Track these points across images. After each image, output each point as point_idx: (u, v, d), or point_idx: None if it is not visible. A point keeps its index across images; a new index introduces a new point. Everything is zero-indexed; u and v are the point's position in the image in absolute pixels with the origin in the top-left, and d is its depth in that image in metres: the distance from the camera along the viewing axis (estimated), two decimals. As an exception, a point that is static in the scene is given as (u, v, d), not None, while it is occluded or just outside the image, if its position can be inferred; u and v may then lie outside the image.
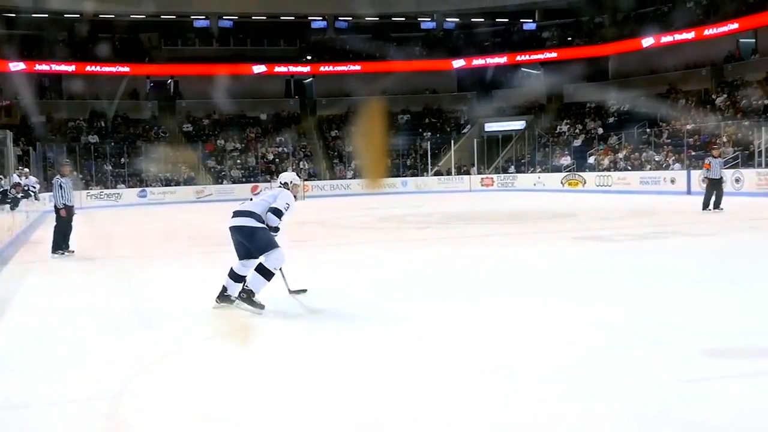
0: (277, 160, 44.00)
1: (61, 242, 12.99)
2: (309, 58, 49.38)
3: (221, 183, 41.35)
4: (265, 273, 7.06)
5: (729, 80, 38.93)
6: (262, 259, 7.12)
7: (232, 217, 7.30)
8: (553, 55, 47.41)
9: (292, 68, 49.01)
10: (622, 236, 13.76)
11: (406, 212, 22.17)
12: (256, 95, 47.78)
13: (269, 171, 42.13)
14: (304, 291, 7.79)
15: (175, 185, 40.06)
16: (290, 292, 7.68)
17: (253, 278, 7.09)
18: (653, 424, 3.92)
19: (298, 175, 7.65)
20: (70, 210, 13.02)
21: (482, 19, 52.22)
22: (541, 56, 48.15)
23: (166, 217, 25.58)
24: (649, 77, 42.65)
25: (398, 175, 43.28)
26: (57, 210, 13.01)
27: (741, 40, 40.65)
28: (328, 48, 49.69)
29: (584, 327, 6.19)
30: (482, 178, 42.75)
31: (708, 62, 40.67)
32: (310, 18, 51.26)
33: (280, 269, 7.36)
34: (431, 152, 45.36)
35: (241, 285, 7.20)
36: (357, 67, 48.11)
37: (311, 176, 42.51)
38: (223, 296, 7.27)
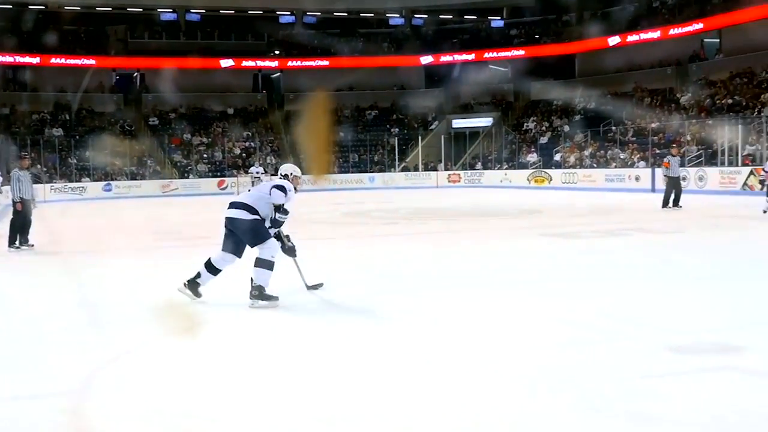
0: (244, 154, 43.79)
1: (16, 236, 12.74)
2: (277, 52, 49.19)
3: (187, 177, 41.08)
4: (266, 264, 7.00)
5: (693, 79, 39.30)
6: (256, 251, 7.08)
7: (228, 208, 7.27)
8: (521, 52, 47.56)
9: (260, 63, 48.74)
10: (588, 233, 13.84)
11: (372, 208, 22.13)
12: (223, 89, 47.42)
13: (236, 165, 41.91)
14: (321, 285, 7.66)
15: (141, 179, 39.72)
16: (308, 287, 7.58)
17: (257, 274, 7.01)
18: (616, 419, 3.93)
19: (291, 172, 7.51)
20: (26, 204, 12.73)
21: (450, 16, 52.32)
22: (508, 54, 48.28)
23: (131, 211, 25.32)
24: (616, 76, 42.94)
25: (366, 171, 43.26)
26: (14, 203, 12.77)
27: (705, 40, 41.06)
28: (296, 43, 49.49)
29: (549, 323, 6.19)
30: (449, 175, 42.84)
31: (673, 61, 41.03)
32: (278, 12, 50.99)
33: (296, 264, 7.40)
34: (399, 148, 45.37)
35: (213, 277, 7.17)
36: (325, 63, 47.95)
37: (278, 171, 42.24)
38: (192, 282, 7.17)
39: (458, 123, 48.01)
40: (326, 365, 5.13)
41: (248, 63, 48.08)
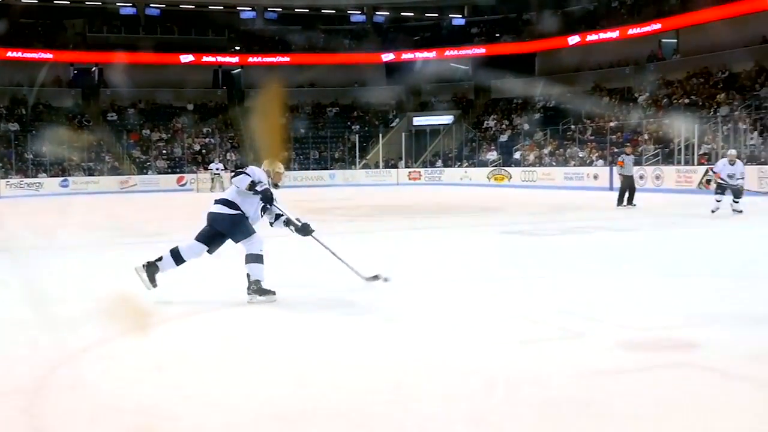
0: (203, 150, 43.49)
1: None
2: (237, 48, 48.87)
3: (146, 173, 40.73)
4: (257, 258, 6.98)
5: (651, 79, 39.76)
6: (243, 247, 7.05)
7: (213, 203, 7.22)
8: (482, 50, 47.78)
9: (221, 58, 48.46)
10: (546, 230, 13.92)
11: (333, 205, 22.07)
12: (183, 85, 47.05)
13: (195, 162, 41.63)
14: (380, 278, 7.49)
15: (99, 175, 39.29)
16: (367, 279, 7.46)
17: (252, 270, 6.97)
18: (573, 416, 3.95)
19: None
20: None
21: (412, 14, 52.39)
22: (469, 51, 48.48)
23: (89, 207, 25.02)
24: (575, 74, 43.34)
25: (326, 168, 43.20)
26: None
27: (663, 40, 41.55)
28: (257, 39, 49.23)
29: (508, 320, 6.22)
30: (410, 172, 42.94)
31: (631, 61, 41.46)
32: (239, 8, 50.72)
33: (340, 258, 7.42)
34: (359, 145, 45.36)
35: (174, 267, 7.06)
36: (286, 59, 47.76)
37: (238, 167, 42.03)
38: (152, 266, 7.02)
39: (419, 120, 48.11)
40: (286, 362, 5.10)
41: (208, 58, 47.77)
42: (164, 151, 43.23)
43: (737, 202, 16.41)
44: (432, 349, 5.38)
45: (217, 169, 36.24)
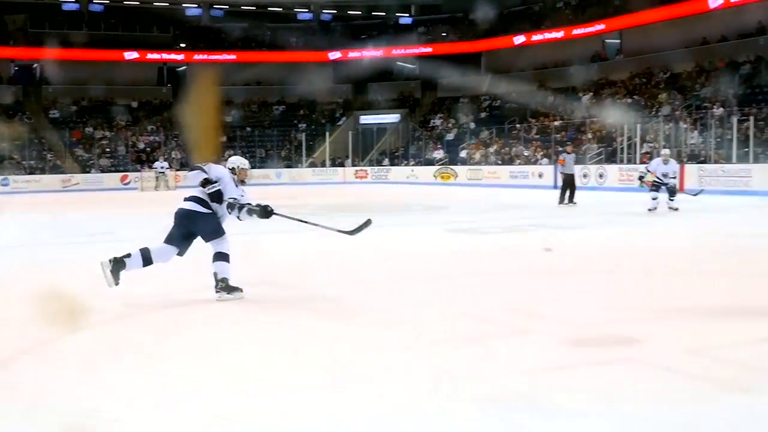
0: (148, 149, 42.94)
1: None
2: (183, 45, 48.34)
3: (89, 172, 40.04)
4: (226, 257, 6.95)
5: (595, 79, 40.25)
6: (212, 246, 6.99)
7: (184, 200, 7.12)
8: (429, 49, 47.91)
9: (166, 56, 47.79)
10: (492, 229, 14.04)
11: (279, 203, 21.88)
12: (127, 82, 46.37)
13: (140, 160, 41.10)
14: (361, 228, 7.69)
15: (40, 173, 38.59)
16: (350, 232, 7.65)
17: (220, 268, 6.92)
18: (518, 412, 3.99)
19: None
20: None
21: (359, 12, 52.36)
22: (416, 50, 48.59)
23: (29, 206, 24.57)
24: (520, 74, 43.68)
25: (272, 167, 42.97)
26: None
27: (607, 40, 42.11)
28: (203, 36, 48.76)
29: (454, 317, 6.24)
30: (356, 171, 42.91)
31: (576, 61, 41.92)
32: (184, 5, 50.20)
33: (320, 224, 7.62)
34: (306, 144, 45.21)
35: (141, 268, 6.90)
36: (232, 57, 47.36)
37: (183, 166, 41.64)
38: (119, 262, 6.79)
39: (366, 119, 48.11)
40: (228, 363, 5.07)
41: (153, 56, 47.07)
42: (107, 150, 42.59)
43: (672, 200, 16.80)
44: (376, 347, 5.39)
45: (162, 167, 35.83)
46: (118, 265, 6.79)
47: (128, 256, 6.86)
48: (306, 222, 7.61)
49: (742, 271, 8.71)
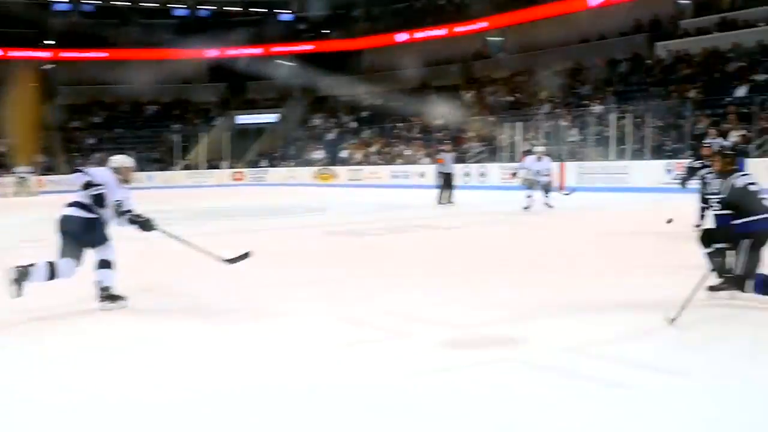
0: (9, 152, 41.31)
1: None
2: (50, 43, 46.72)
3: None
4: (110, 264, 6.75)
5: (477, 77, 40.91)
6: (95, 253, 6.76)
7: (65, 206, 6.84)
8: (309, 47, 47.85)
9: (31, 53, 46.12)
10: (372, 230, 14.07)
11: (148, 209, 21.40)
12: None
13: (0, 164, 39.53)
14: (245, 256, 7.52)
15: None
16: (228, 261, 7.46)
17: (102, 276, 6.72)
18: (397, 417, 3.99)
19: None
20: None
21: (238, 8, 51.74)
22: (296, 48, 48.44)
23: None
24: (403, 72, 43.92)
25: (144, 170, 41.99)
26: None
27: (489, 38, 42.90)
28: (72, 33, 47.17)
29: (332, 323, 6.23)
30: (233, 173, 42.45)
31: (458, 59, 42.52)
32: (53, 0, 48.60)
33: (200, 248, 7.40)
34: (180, 145, 44.42)
35: (44, 281, 6.56)
36: (104, 54, 46.19)
37: (47, 170, 40.20)
38: (23, 272, 6.43)
39: (243, 119, 47.68)
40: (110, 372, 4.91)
41: (16, 53, 45.28)
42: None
43: (548, 197, 17.24)
44: (254, 354, 5.33)
45: (24, 172, 34.50)
46: (23, 275, 6.46)
47: (32, 265, 6.56)
48: (187, 243, 7.42)
49: (617, 267, 9.00)
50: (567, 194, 18.93)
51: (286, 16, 52.32)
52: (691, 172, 10.89)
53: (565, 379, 4.59)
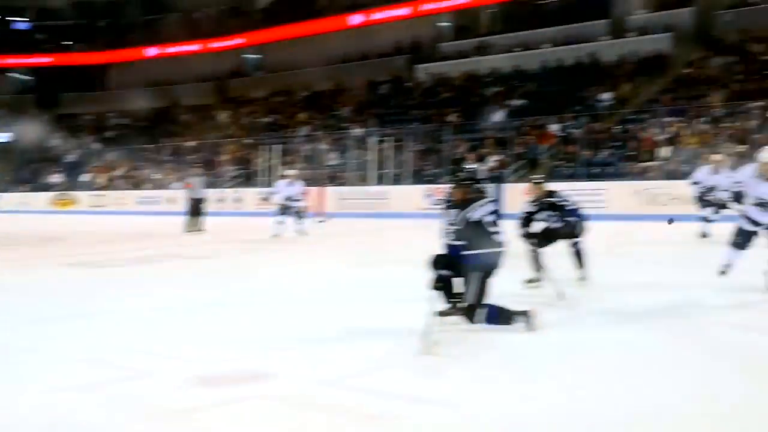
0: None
1: None
2: None
3: None
4: None
5: (233, 96, 40.83)
6: None
7: None
8: (48, 59, 46.07)
9: None
10: (115, 261, 13.68)
11: None
12: None
13: None
14: None
15: None
16: None
17: None
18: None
19: None
20: None
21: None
22: (33, 60, 46.54)
23: None
24: (153, 89, 43.16)
25: None
26: None
27: (247, 55, 42.94)
28: None
29: (65, 363, 5.96)
30: (-47, 201, 39.90)
31: (213, 76, 42.27)
32: None
33: None
34: None
35: None
36: None
37: None
38: None
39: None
40: None
41: None
42: None
43: (301, 223, 17.41)
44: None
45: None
46: None
47: None
48: None
49: (368, 295, 9.11)
50: (322, 221, 19.13)
51: (22, 24, 49.93)
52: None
53: (325, 415, 4.61)
